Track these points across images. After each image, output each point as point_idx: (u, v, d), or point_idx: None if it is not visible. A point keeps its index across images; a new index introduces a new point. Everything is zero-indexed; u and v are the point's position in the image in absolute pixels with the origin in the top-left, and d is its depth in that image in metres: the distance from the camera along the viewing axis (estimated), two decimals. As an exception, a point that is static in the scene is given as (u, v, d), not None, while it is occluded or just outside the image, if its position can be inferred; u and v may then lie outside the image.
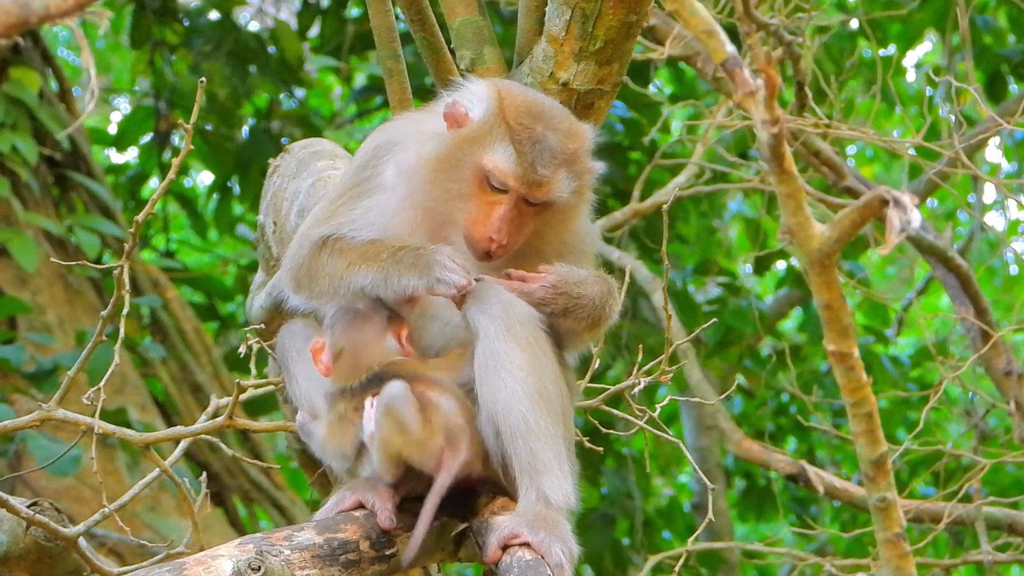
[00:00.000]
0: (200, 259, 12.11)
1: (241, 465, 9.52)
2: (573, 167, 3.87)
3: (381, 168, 3.96)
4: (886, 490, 2.87)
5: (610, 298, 3.93)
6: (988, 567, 7.43)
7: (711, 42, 2.57)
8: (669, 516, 11.36)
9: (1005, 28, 10.64)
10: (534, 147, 3.81)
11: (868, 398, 2.81)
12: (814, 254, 2.66)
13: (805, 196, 2.64)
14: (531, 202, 3.84)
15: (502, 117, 3.83)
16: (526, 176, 3.80)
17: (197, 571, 3.43)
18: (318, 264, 3.92)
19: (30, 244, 8.89)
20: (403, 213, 3.91)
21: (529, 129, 3.82)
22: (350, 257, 3.87)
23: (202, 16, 10.45)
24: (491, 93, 3.89)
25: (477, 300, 3.73)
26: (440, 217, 3.88)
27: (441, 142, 3.85)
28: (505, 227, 3.81)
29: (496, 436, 3.69)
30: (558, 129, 3.86)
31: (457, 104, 3.87)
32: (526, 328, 3.71)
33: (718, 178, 8.81)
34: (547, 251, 3.94)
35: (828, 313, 2.74)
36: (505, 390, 3.65)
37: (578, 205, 3.95)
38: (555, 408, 3.70)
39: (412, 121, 4.06)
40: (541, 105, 3.91)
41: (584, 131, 3.95)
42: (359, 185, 3.98)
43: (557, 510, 3.64)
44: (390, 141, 4.00)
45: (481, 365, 3.69)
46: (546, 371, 3.70)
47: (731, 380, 9.70)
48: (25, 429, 4.11)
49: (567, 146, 3.86)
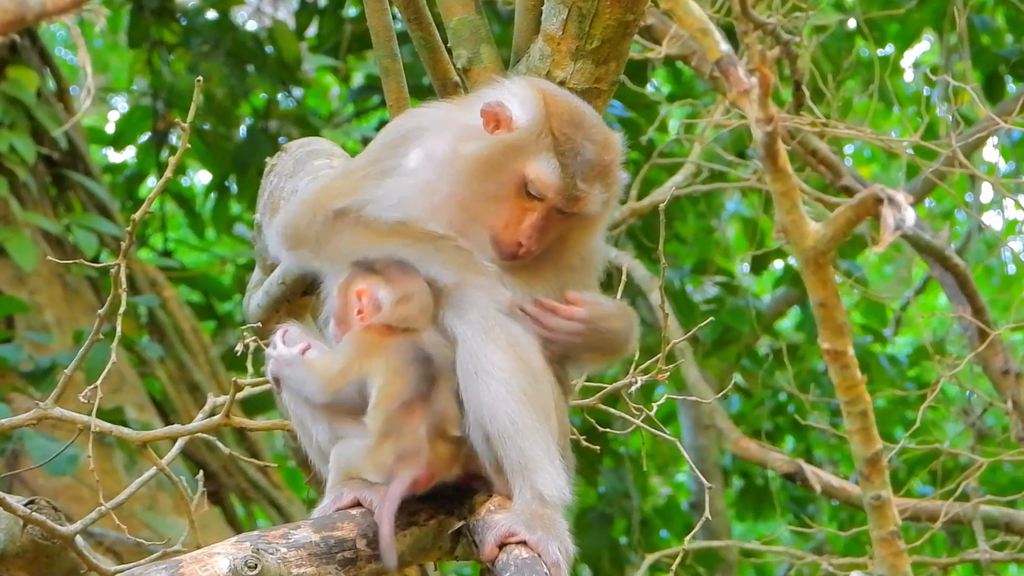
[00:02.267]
0: (198, 258, 12.11)
1: (238, 464, 9.53)
2: (607, 179, 3.88)
3: (408, 150, 3.95)
4: (881, 488, 2.88)
5: (632, 333, 3.95)
6: (985, 566, 7.45)
7: (706, 41, 2.58)
8: (666, 515, 11.36)
9: (1003, 28, 10.64)
10: (576, 159, 3.82)
11: (863, 396, 2.82)
12: (809, 252, 2.67)
13: (800, 194, 2.64)
14: (562, 211, 3.85)
15: (548, 125, 3.83)
16: (566, 190, 3.81)
17: (193, 569, 3.43)
18: (334, 230, 3.90)
19: (28, 243, 8.88)
20: (423, 199, 3.89)
21: (572, 140, 3.83)
22: (378, 229, 3.86)
23: (200, 16, 10.45)
24: (536, 97, 3.88)
25: (454, 307, 3.74)
26: (465, 212, 3.88)
27: (483, 143, 3.84)
28: (535, 234, 3.82)
29: (485, 439, 3.68)
30: (596, 140, 3.87)
31: (502, 106, 3.85)
32: (504, 329, 3.71)
33: (715, 177, 8.81)
34: (565, 259, 3.96)
35: (823, 311, 2.75)
36: (489, 393, 3.65)
37: (603, 216, 3.98)
38: (541, 405, 3.69)
39: (443, 111, 4.04)
40: (582, 114, 3.91)
41: (617, 141, 3.96)
42: (383, 162, 3.97)
43: (553, 507, 3.64)
44: (420, 127, 3.99)
45: (463, 370, 3.69)
46: (529, 370, 3.70)
47: (728, 379, 9.68)
48: (22, 427, 4.12)
49: (604, 158, 3.87)
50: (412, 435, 3.66)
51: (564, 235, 3.92)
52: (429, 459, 3.66)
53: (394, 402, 3.69)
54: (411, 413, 3.68)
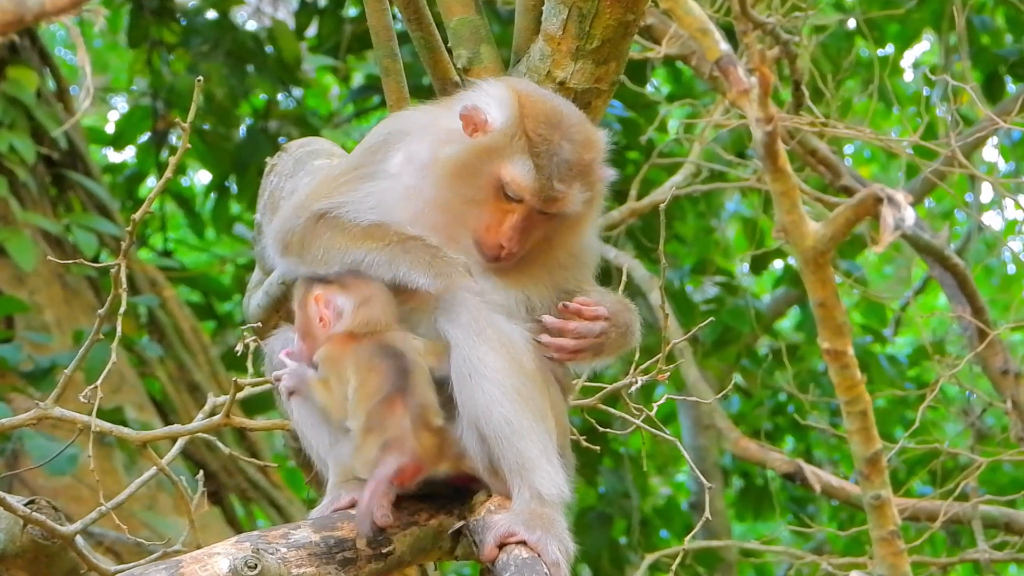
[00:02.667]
0: (197, 258, 12.11)
1: (238, 464, 9.52)
2: (587, 178, 3.89)
3: (390, 154, 3.97)
4: (880, 488, 2.88)
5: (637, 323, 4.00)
6: (985, 566, 7.44)
7: (705, 40, 2.58)
8: (666, 515, 11.36)
9: (1002, 28, 10.64)
10: (552, 160, 3.83)
11: (862, 396, 2.82)
12: (808, 252, 2.67)
13: (799, 194, 2.64)
14: (543, 212, 3.86)
15: (522, 127, 3.84)
16: (543, 191, 3.82)
17: (194, 569, 3.43)
18: (314, 234, 3.93)
19: (28, 243, 8.88)
20: (406, 202, 3.91)
21: (548, 141, 3.84)
22: (352, 232, 3.88)
23: (200, 15, 10.45)
24: (511, 99, 3.89)
25: (445, 310, 3.75)
26: (446, 215, 3.89)
27: (460, 147, 3.86)
28: (516, 236, 3.83)
29: (481, 441, 3.69)
30: (575, 140, 3.87)
31: (477, 109, 3.86)
32: (496, 330, 3.71)
33: (715, 177, 8.81)
34: (554, 257, 3.97)
35: (823, 311, 2.75)
36: (483, 394, 3.66)
37: (588, 214, 3.98)
38: (536, 405, 3.70)
39: (427, 114, 4.05)
40: (560, 113, 3.91)
41: (599, 139, 3.97)
42: (365, 167, 3.99)
43: (552, 505, 3.64)
44: (403, 130, 4.01)
45: (457, 373, 3.70)
46: (523, 369, 3.71)
47: (728, 379, 9.69)
48: (22, 427, 4.12)
49: (583, 157, 3.88)
50: (396, 427, 3.67)
51: (550, 235, 3.93)
52: (415, 449, 3.65)
53: (373, 398, 3.70)
54: (392, 407, 3.68)
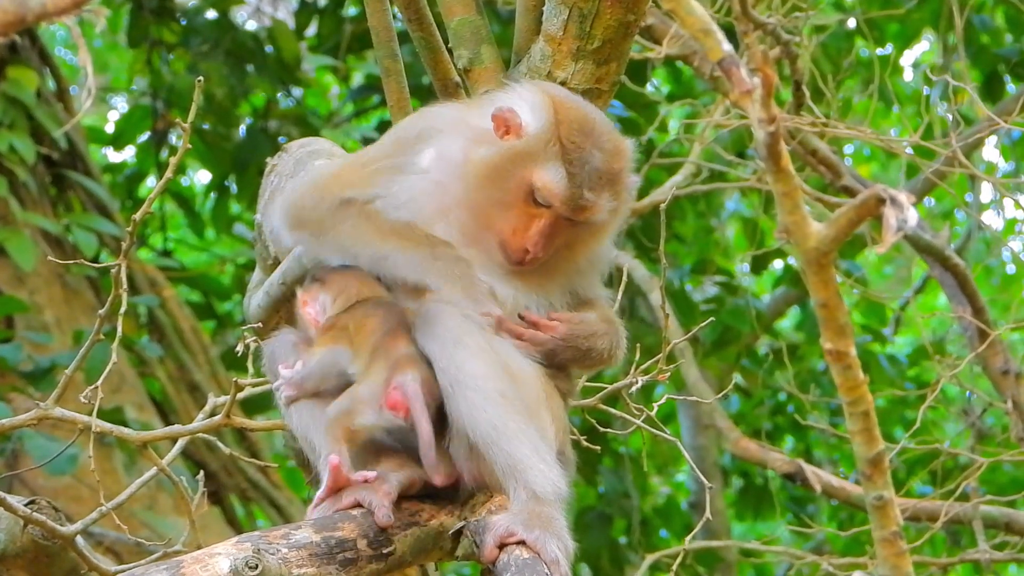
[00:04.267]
0: (197, 258, 12.11)
1: (238, 464, 9.52)
2: (615, 187, 3.90)
3: (421, 149, 3.98)
4: (883, 488, 2.88)
5: (617, 350, 3.99)
6: (985, 566, 7.44)
7: (707, 41, 2.57)
8: (666, 515, 11.36)
9: (1002, 27, 10.64)
10: (583, 168, 3.83)
11: (865, 397, 2.81)
12: (811, 253, 2.66)
13: (801, 195, 2.64)
14: (570, 219, 3.87)
15: (556, 133, 3.85)
16: (573, 199, 3.83)
17: (194, 569, 3.43)
18: (337, 219, 3.93)
19: (27, 243, 8.88)
20: (434, 199, 3.92)
21: (580, 148, 3.84)
22: (382, 227, 3.89)
23: (199, 15, 10.45)
24: (545, 103, 3.89)
25: (420, 326, 3.75)
26: (472, 215, 3.90)
27: (493, 149, 3.86)
28: (542, 241, 3.84)
29: (471, 450, 3.68)
30: (605, 148, 3.88)
31: (512, 112, 3.87)
32: (474, 337, 3.70)
33: (715, 177, 8.82)
34: (573, 263, 3.99)
35: (825, 312, 2.74)
36: (467, 403, 3.64)
37: (612, 222, 3.99)
38: (524, 406, 3.69)
39: (457, 112, 4.06)
40: (592, 121, 3.91)
41: (627, 148, 3.97)
42: (397, 157, 3.99)
43: (549, 504, 3.62)
44: (435, 127, 4.01)
45: (442, 387, 3.69)
46: (507, 372, 3.70)
47: (728, 379, 9.69)
48: (22, 428, 4.11)
49: (612, 167, 3.88)
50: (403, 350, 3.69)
51: (572, 241, 3.94)
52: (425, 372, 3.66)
53: (375, 333, 3.72)
54: (395, 337, 3.71)
